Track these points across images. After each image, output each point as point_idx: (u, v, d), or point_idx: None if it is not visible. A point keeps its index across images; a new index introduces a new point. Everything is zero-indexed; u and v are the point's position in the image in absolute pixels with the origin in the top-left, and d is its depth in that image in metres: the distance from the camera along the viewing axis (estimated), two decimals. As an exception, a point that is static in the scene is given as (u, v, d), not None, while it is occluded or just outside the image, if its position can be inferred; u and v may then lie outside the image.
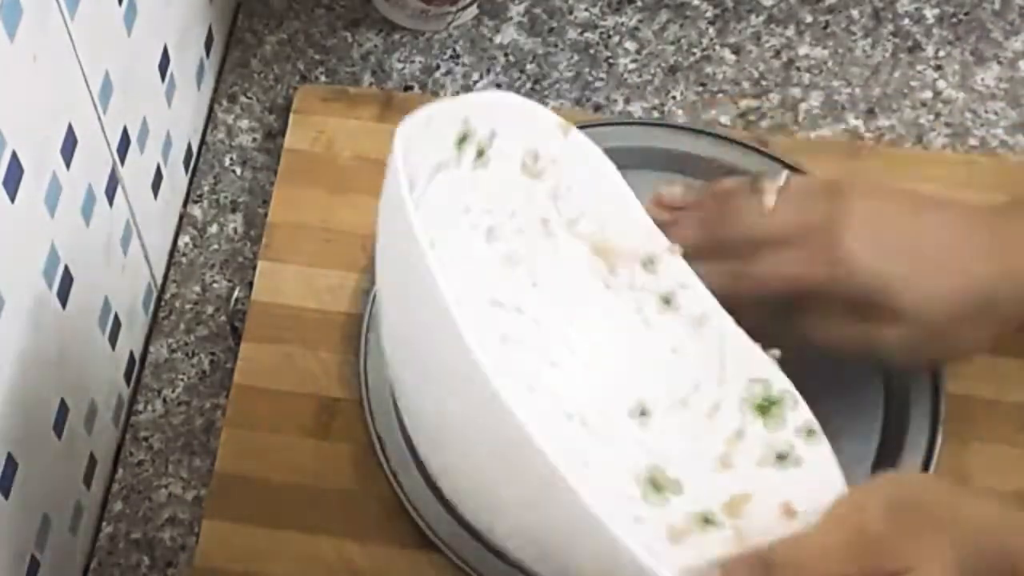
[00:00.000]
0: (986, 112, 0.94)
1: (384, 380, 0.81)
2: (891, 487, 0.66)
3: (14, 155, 0.64)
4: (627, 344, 0.75)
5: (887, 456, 0.79)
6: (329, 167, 0.90)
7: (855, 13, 0.98)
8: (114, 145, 0.78)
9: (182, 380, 0.86)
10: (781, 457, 0.71)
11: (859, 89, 0.95)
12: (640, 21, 0.98)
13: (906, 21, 0.98)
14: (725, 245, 0.74)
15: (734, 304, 0.73)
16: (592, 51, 0.97)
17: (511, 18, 0.98)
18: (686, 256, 0.74)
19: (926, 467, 0.78)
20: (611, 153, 0.88)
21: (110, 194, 0.79)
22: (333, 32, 0.98)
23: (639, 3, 0.98)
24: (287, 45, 0.98)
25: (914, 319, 0.71)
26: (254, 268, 0.87)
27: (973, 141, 0.93)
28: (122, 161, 0.80)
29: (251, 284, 0.87)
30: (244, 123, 0.95)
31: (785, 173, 0.75)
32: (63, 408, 0.75)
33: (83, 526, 0.81)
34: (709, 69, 0.96)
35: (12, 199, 0.64)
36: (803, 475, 0.70)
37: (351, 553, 0.78)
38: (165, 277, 0.90)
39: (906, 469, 0.78)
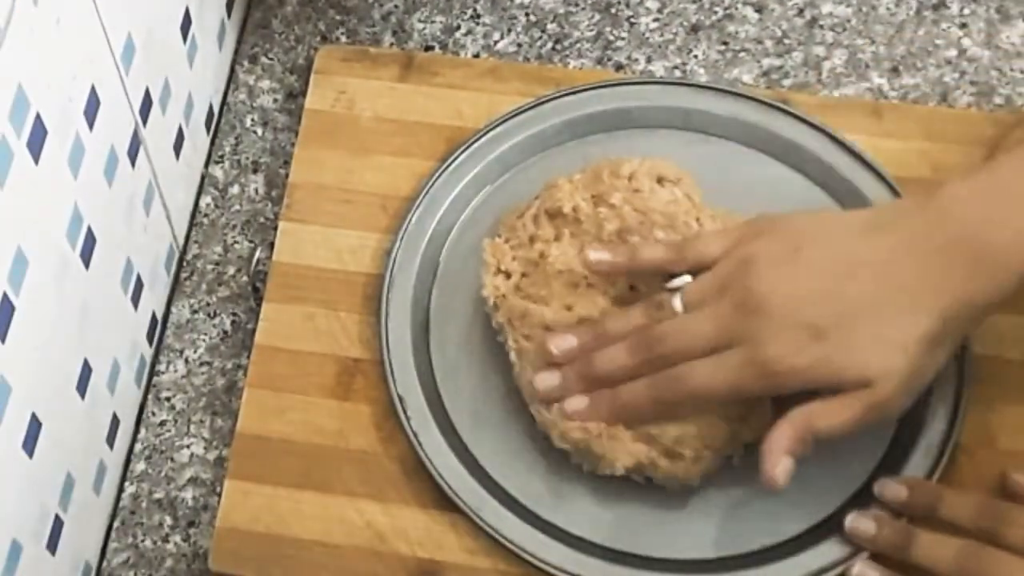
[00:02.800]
0: (1011, 70, 0.93)
1: (404, 340, 0.81)
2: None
3: (38, 116, 0.64)
4: None
5: (912, 419, 0.78)
6: (350, 128, 0.90)
7: (879, -29, 0.98)
8: (136, 106, 0.78)
9: (204, 340, 0.87)
10: None
11: (883, 47, 0.94)
12: (662, -20, 0.98)
13: (930, -21, 0.97)
14: (659, 365, 0.74)
15: (674, 412, 0.74)
16: (613, 10, 0.96)
17: (532, -23, 0.98)
18: None
19: (951, 428, 0.78)
20: (633, 113, 0.89)
21: (132, 155, 0.79)
22: (354, -9, 0.98)
23: (661, -38, 0.98)
24: (308, 5, 0.98)
25: (882, 379, 0.70)
26: (275, 229, 0.87)
27: (998, 99, 0.92)
28: (144, 122, 0.80)
29: (272, 245, 0.87)
30: (265, 84, 0.95)
31: (684, 278, 0.75)
32: (86, 368, 0.75)
33: (106, 486, 0.82)
34: (731, 28, 0.96)
35: (36, 160, 0.65)
36: None
37: (372, 513, 0.78)
38: (187, 238, 0.90)
39: (930, 429, 0.78)
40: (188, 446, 0.84)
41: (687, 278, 0.75)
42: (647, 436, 0.75)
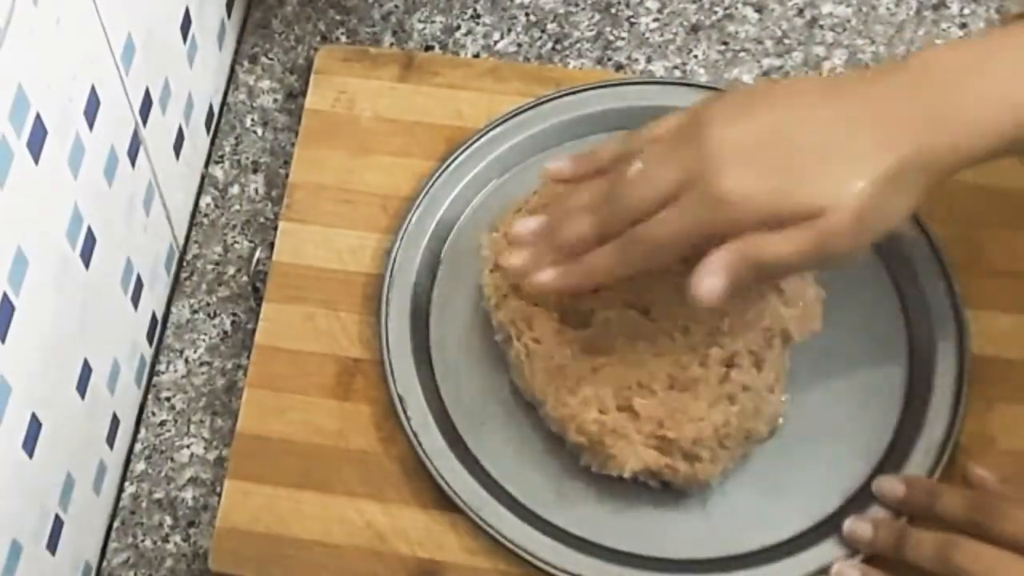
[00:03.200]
0: (1011, 71, 0.93)
1: (404, 340, 0.81)
2: None
3: (38, 116, 0.64)
4: None
5: (911, 417, 0.79)
6: (350, 128, 0.90)
7: (879, -29, 0.98)
8: (136, 106, 0.78)
9: (204, 340, 0.87)
10: None
11: (883, 47, 0.94)
12: (662, -20, 0.98)
13: (930, -21, 0.97)
14: (621, 220, 0.73)
15: (646, 270, 0.73)
16: (613, 10, 0.97)
17: (532, -23, 0.98)
18: None
19: (950, 427, 0.78)
20: (632, 113, 0.89)
21: (132, 155, 0.79)
22: (354, -9, 0.98)
23: (661, -38, 0.98)
24: (308, 5, 0.98)
25: (806, 216, 0.68)
26: (275, 229, 0.87)
27: (997, 101, 0.92)
28: (144, 122, 0.80)
29: (272, 245, 0.87)
30: (265, 84, 0.95)
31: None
32: (86, 368, 0.75)
33: (106, 486, 0.82)
34: (731, 28, 0.96)
35: (36, 160, 0.65)
36: None
37: (372, 513, 0.78)
38: (187, 238, 0.90)
39: (930, 429, 0.78)
40: (188, 446, 0.84)
41: None
42: (663, 439, 0.75)
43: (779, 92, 0.72)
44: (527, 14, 0.97)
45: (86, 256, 0.73)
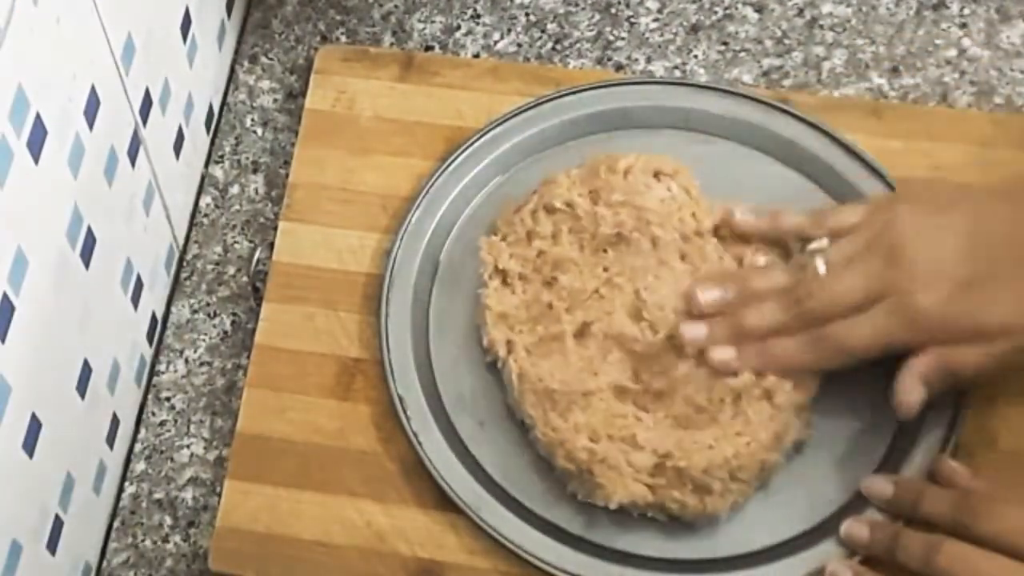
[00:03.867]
0: (1011, 70, 0.93)
1: (404, 340, 0.81)
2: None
3: (38, 116, 0.64)
4: None
5: (912, 419, 0.79)
6: (350, 128, 0.90)
7: (879, -29, 0.97)
8: (136, 106, 0.78)
9: (204, 340, 0.87)
10: None
11: (883, 47, 0.94)
12: (662, -20, 0.98)
13: (930, -21, 0.97)
14: (810, 320, 0.76)
15: (822, 366, 0.77)
16: (613, 10, 0.96)
17: (532, -23, 0.98)
18: None
19: (951, 428, 0.78)
20: (633, 113, 0.89)
21: (132, 155, 0.79)
22: (353, -9, 0.98)
23: (661, -38, 0.98)
24: (308, 5, 0.98)
25: (1002, 332, 0.73)
26: (275, 229, 0.87)
27: (998, 99, 0.92)
28: (144, 122, 0.80)
29: (272, 245, 0.87)
30: (265, 84, 0.95)
31: (823, 241, 0.77)
32: (86, 368, 0.75)
33: (106, 486, 0.82)
34: (731, 28, 0.96)
35: (36, 160, 0.65)
36: None
37: (371, 513, 0.78)
38: (187, 238, 0.90)
39: (930, 430, 0.78)
40: (188, 446, 0.84)
41: (826, 241, 0.77)
42: (673, 470, 0.75)
43: (969, 202, 0.75)
44: (527, 14, 0.97)
45: (86, 256, 0.73)
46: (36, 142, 0.64)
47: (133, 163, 0.79)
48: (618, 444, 0.75)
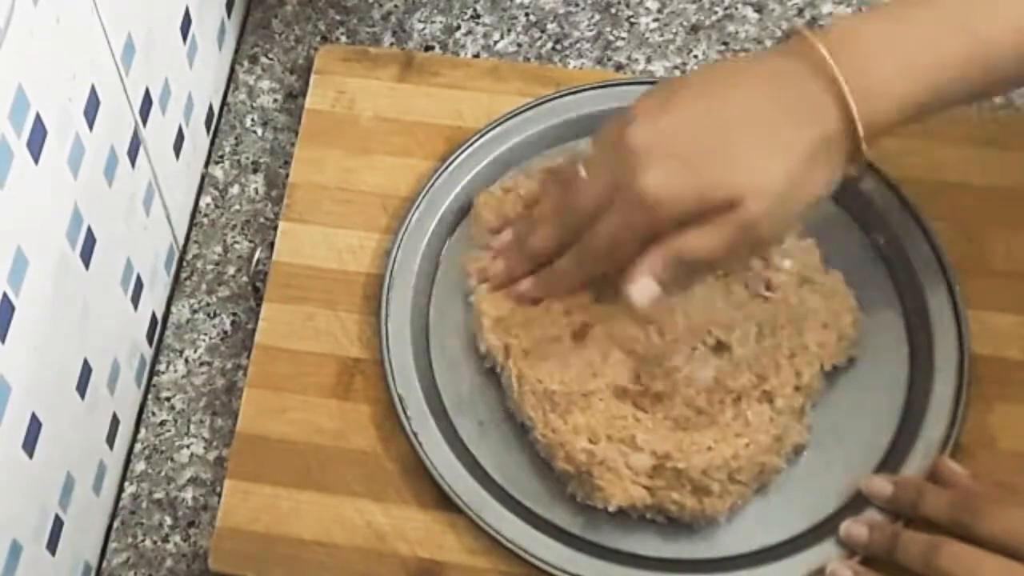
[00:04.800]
0: (1010, 71, 0.93)
1: (404, 340, 0.81)
2: None
3: (38, 117, 0.64)
4: None
5: (911, 417, 0.79)
6: (350, 128, 0.90)
7: (879, -29, 0.97)
8: (136, 106, 0.78)
9: (204, 340, 0.87)
10: None
11: (882, 48, 0.94)
12: (662, -20, 0.98)
13: (930, -21, 0.97)
14: (573, 229, 0.76)
15: (602, 270, 0.76)
16: (613, 10, 0.97)
17: (532, -23, 0.98)
18: None
19: (951, 428, 0.78)
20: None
21: (132, 155, 0.79)
22: (353, -9, 0.98)
23: (661, -38, 0.98)
24: (308, 6, 0.98)
25: (728, 205, 0.69)
26: (275, 228, 0.87)
27: (998, 99, 0.92)
28: (144, 122, 0.80)
29: (272, 245, 0.87)
30: (265, 84, 0.95)
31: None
32: (86, 368, 0.75)
33: (106, 486, 0.82)
34: (731, 27, 0.96)
35: (36, 160, 0.65)
36: None
37: (371, 513, 0.78)
38: (187, 238, 0.90)
39: (930, 429, 0.78)
40: (188, 446, 0.84)
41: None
42: (672, 471, 0.75)
43: (696, 81, 0.73)
44: (527, 14, 0.97)
45: (86, 256, 0.73)
46: (36, 142, 0.64)
47: (133, 163, 0.79)
48: (617, 445, 0.75)
